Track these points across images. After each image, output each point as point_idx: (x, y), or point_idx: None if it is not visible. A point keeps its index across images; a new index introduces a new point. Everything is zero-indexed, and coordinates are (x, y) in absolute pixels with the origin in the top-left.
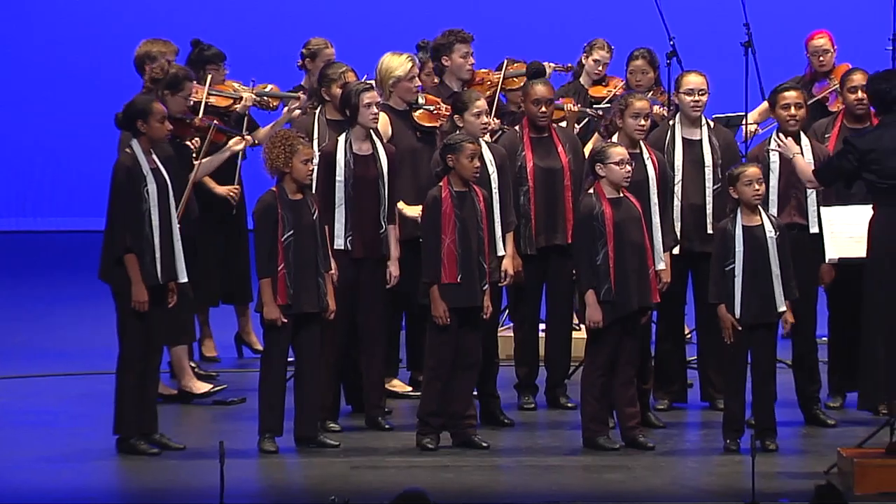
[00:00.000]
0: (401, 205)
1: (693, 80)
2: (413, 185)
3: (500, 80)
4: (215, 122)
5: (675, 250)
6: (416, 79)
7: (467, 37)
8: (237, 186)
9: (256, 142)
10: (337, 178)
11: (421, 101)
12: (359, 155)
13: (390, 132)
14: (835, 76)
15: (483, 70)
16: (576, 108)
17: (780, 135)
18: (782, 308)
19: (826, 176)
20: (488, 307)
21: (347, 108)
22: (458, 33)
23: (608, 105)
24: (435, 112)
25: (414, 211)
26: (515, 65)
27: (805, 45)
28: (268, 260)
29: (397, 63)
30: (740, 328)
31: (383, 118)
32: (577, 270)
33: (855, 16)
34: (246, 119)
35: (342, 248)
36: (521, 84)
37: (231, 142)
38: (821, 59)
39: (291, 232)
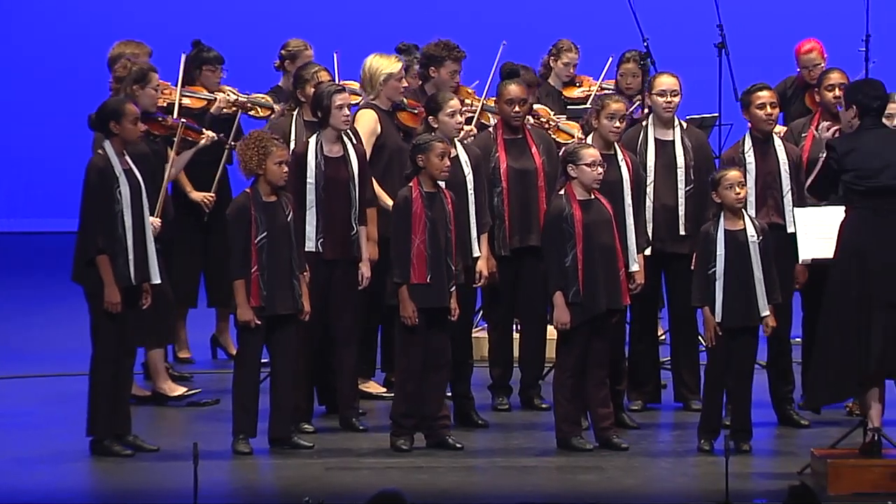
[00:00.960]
0: (390, 200)
1: (665, 82)
2: (401, 184)
3: (480, 108)
4: (184, 120)
5: (647, 251)
6: (404, 79)
7: (460, 55)
8: (213, 194)
9: (232, 144)
10: (308, 179)
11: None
12: (329, 157)
13: (379, 129)
14: None
15: (466, 88)
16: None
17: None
18: (765, 312)
19: (817, 188)
20: (455, 308)
21: (319, 109)
22: (454, 51)
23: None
24: (417, 113)
25: None
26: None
27: (795, 55)
28: (241, 262)
29: (387, 62)
30: (721, 333)
31: (371, 115)
32: (545, 271)
33: (828, 17)
34: (236, 124)
35: (313, 249)
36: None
37: (202, 139)
38: (811, 72)
39: (265, 234)
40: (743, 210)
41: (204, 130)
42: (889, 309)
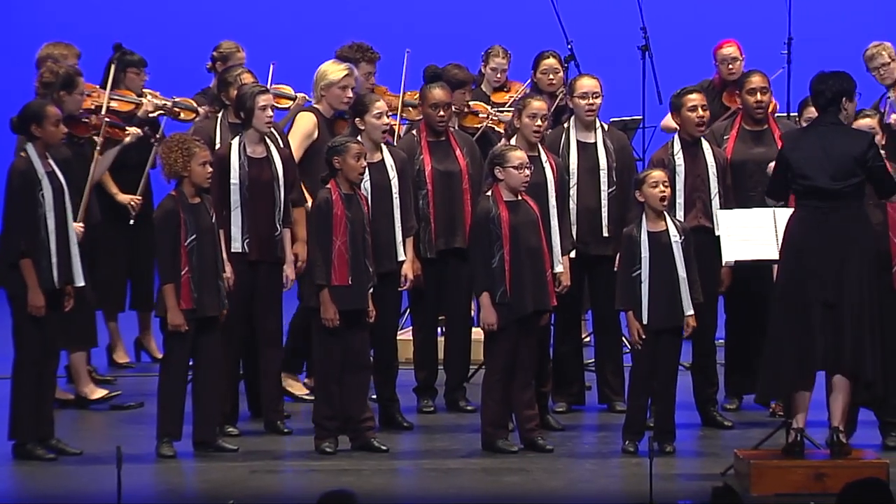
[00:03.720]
0: None
1: (586, 84)
2: None
3: (400, 104)
4: (108, 119)
5: (573, 254)
6: (349, 90)
7: (374, 56)
8: (139, 197)
9: (155, 143)
10: (231, 180)
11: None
12: (253, 157)
13: (316, 134)
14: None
15: (383, 88)
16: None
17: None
18: (689, 312)
19: (770, 186)
20: (373, 310)
21: (242, 110)
22: (367, 52)
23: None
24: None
25: None
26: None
27: (714, 54)
28: (171, 265)
29: (333, 69)
30: (644, 336)
31: (310, 118)
32: (472, 272)
33: (751, 19)
34: (161, 128)
35: (239, 250)
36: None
37: (126, 137)
38: (730, 67)
39: (194, 236)
40: (665, 212)
41: (127, 127)
42: (825, 309)
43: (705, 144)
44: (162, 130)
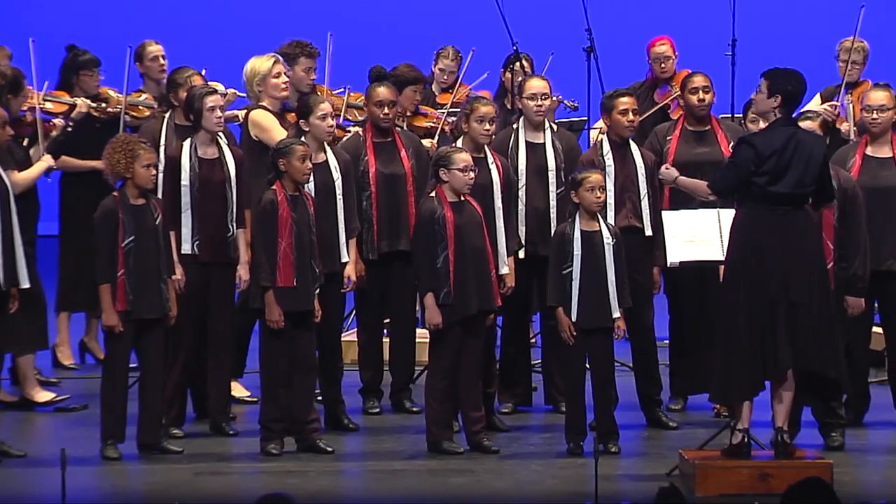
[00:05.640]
0: None
1: (535, 85)
2: None
3: (344, 105)
4: (40, 117)
5: (521, 254)
6: (283, 75)
7: (313, 52)
8: None
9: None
10: (182, 182)
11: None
12: (204, 159)
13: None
14: (676, 83)
15: (323, 87)
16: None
17: (664, 167)
18: (616, 314)
19: (725, 183)
20: (319, 310)
21: (192, 112)
22: (306, 47)
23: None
24: None
25: None
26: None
27: (647, 51)
28: (107, 265)
29: (259, 62)
30: (574, 333)
31: (266, 113)
32: (416, 273)
33: (695, 21)
34: (122, 125)
35: (189, 252)
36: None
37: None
38: (662, 65)
39: (133, 237)
40: (598, 213)
41: (53, 121)
42: (790, 308)
43: (633, 146)
44: (124, 126)
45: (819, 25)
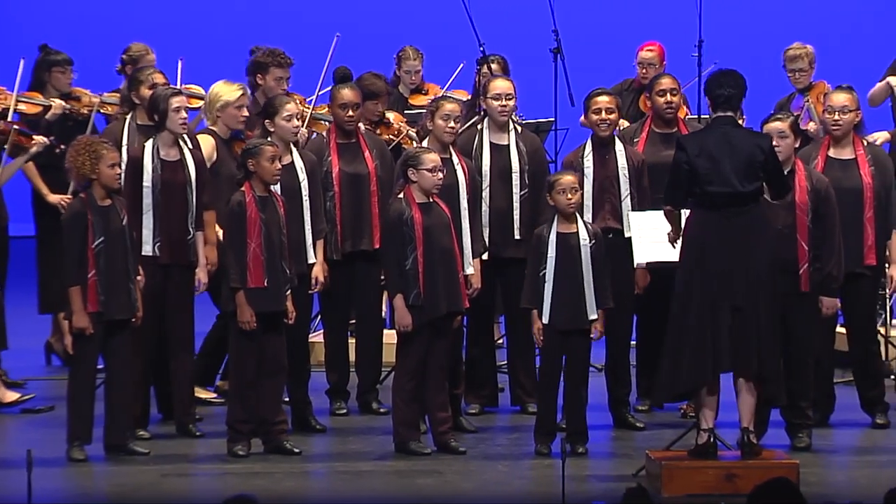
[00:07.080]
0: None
1: (500, 86)
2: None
3: (309, 115)
4: (15, 126)
5: (485, 256)
6: (245, 109)
7: (286, 61)
8: (70, 196)
9: (58, 150)
10: (144, 183)
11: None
12: (166, 160)
13: (215, 156)
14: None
15: (296, 95)
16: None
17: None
18: (593, 316)
19: (672, 193)
20: (292, 312)
21: (156, 112)
22: (279, 57)
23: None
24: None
25: None
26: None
27: (636, 54)
28: (77, 267)
29: (228, 90)
30: (542, 337)
31: (209, 141)
32: (385, 274)
33: (661, 22)
34: (90, 125)
35: (150, 253)
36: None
37: (33, 146)
38: (645, 71)
39: (102, 239)
40: (577, 214)
41: (34, 136)
42: (733, 311)
43: (619, 145)
44: (94, 127)
45: (786, 25)
